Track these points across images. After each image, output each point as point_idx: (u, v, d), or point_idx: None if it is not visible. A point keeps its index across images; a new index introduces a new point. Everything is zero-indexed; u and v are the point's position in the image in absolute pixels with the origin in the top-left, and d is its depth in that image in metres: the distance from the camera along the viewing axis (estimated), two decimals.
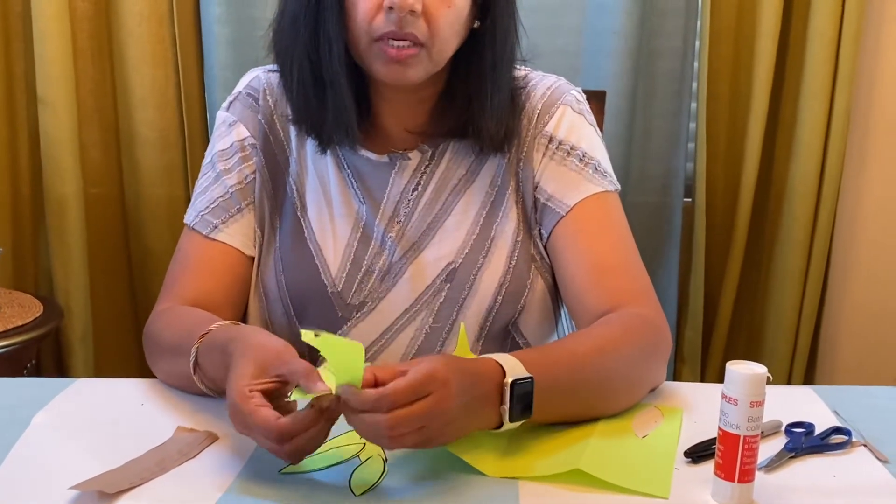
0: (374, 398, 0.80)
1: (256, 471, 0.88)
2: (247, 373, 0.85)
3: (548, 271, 1.18)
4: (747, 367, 0.82)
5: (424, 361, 0.84)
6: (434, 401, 0.81)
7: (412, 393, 0.81)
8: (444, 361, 0.84)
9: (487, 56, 1.11)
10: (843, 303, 2.36)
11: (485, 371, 0.88)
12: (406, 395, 0.80)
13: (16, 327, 1.84)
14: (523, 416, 0.90)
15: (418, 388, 0.81)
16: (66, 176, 2.06)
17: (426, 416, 0.81)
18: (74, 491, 0.82)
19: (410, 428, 0.81)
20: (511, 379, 0.88)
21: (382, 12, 1.03)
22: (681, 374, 2.31)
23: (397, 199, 1.17)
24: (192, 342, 0.98)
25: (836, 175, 2.21)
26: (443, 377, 0.82)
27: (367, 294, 1.15)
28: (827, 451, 0.95)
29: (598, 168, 1.17)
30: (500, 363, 0.89)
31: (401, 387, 0.80)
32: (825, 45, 2.12)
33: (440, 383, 0.82)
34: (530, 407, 0.90)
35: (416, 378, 0.81)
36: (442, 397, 0.82)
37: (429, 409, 0.81)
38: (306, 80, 1.10)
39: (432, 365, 0.83)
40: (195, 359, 0.98)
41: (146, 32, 2.07)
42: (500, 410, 0.88)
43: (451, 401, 0.83)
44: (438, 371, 0.82)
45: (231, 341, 0.92)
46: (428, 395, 0.81)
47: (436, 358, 0.85)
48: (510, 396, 0.88)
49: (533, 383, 0.89)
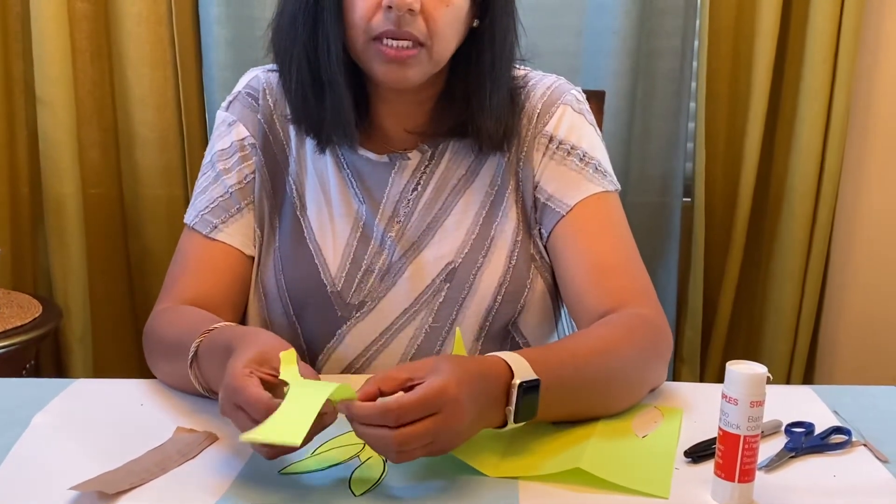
0: (379, 412, 0.79)
1: (256, 471, 0.88)
2: (247, 357, 0.85)
3: (547, 271, 1.18)
4: (747, 367, 0.82)
5: (433, 374, 0.82)
6: (444, 419, 0.80)
7: (421, 409, 0.79)
8: (455, 373, 0.82)
9: (486, 55, 1.11)
10: (842, 302, 2.36)
11: (493, 372, 0.88)
12: (414, 412, 0.79)
13: (15, 328, 1.83)
14: (528, 417, 0.90)
15: (428, 405, 0.80)
16: (64, 176, 2.06)
17: (435, 433, 0.81)
18: (74, 491, 0.82)
19: (419, 444, 0.80)
20: (519, 380, 0.88)
21: (381, 11, 1.03)
22: (680, 374, 2.31)
23: (397, 199, 1.17)
24: (193, 339, 0.98)
25: (835, 174, 2.21)
26: (454, 395, 0.81)
27: (366, 294, 1.15)
28: (827, 450, 0.95)
29: (598, 168, 1.17)
30: (508, 363, 0.89)
31: (409, 402, 0.79)
32: (824, 44, 2.12)
33: (451, 400, 0.81)
34: (535, 408, 0.90)
35: (426, 395, 0.80)
36: (452, 415, 0.81)
37: (438, 427, 0.80)
38: (305, 79, 1.10)
39: (443, 381, 0.81)
40: (194, 354, 0.98)
41: (145, 33, 2.07)
42: (506, 411, 0.88)
43: (462, 418, 0.82)
44: (449, 388, 0.81)
45: (235, 339, 0.92)
46: (438, 413, 0.80)
47: (445, 367, 0.83)
48: (517, 398, 0.88)
49: (540, 385, 0.89)
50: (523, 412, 0.89)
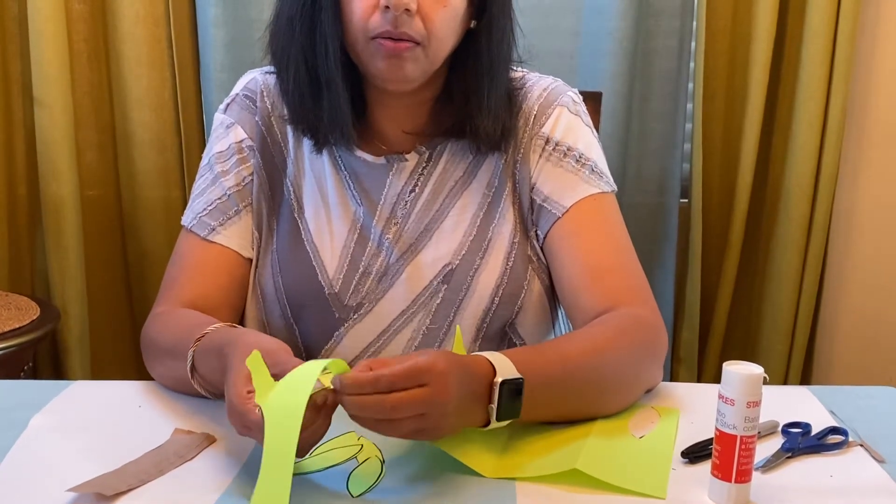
0: (372, 378, 0.81)
1: (254, 473, 0.87)
2: (243, 373, 0.85)
3: (544, 272, 1.18)
4: (744, 368, 0.82)
5: (423, 354, 0.85)
6: (433, 390, 0.82)
7: (411, 378, 0.81)
8: (443, 355, 0.85)
9: (484, 55, 1.11)
10: (839, 303, 2.36)
11: (477, 370, 0.89)
12: (404, 379, 0.81)
13: (12, 330, 1.83)
14: (511, 416, 0.90)
15: (417, 374, 0.82)
16: (62, 178, 2.06)
17: (425, 403, 0.82)
18: (72, 493, 0.82)
19: (410, 413, 0.82)
20: (501, 379, 0.89)
21: (378, 11, 1.04)
22: (677, 375, 2.32)
23: (394, 201, 1.17)
24: (189, 345, 0.99)
25: (832, 175, 2.21)
26: (442, 368, 0.83)
27: (364, 295, 1.15)
28: (824, 451, 0.96)
29: (594, 169, 1.17)
30: (491, 362, 0.90)
31: (399, 370, 0.81)
32: (821, 45, 2.12)
33: (439, 374, 0.83)
34: (519, 407, 0.90)
35: (416, 365, 0.82)
36: (441, 387, 0.83)
37: (428, 396, 0.82)
38: (302, 80, 1.10)
39: (431, 356, 0.84)
40: (192, 362, 0.99)
41: (142, 34, 2.07)
42: (489, 409, 0.89)
43: (449, 392, 0.83)
44: (438, 363, 0.83)
45: (227, 344, 0.92)
46: (426, 385, 0.82)
47: (433, 352, 0.86)
48: (499, 396, 0.88)
49: (523, 384, 0.90)
50: (506, 411, 0.90)
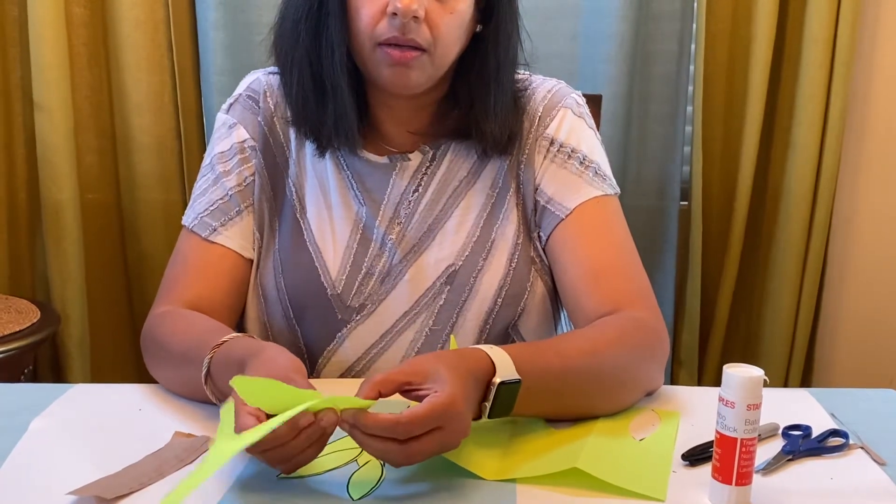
0: (389, 425, 0.80)
1: (254, 476, 0.88)
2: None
3: (547, 274, 1.18)
4: (744, 370, 0.82)
5: (434, 382, 0.84)
6: (450, 433, 0.83)
7: (430, 424, 0.81)
8: (456, 385, 0.84)
9: (491, 59, 1.12)
10: (839, 305, 2.36)
11: (480, 371, 0.89)
12: (423, 426, 0.81)
13: (12, 333, 1.83)
14: (502, 414, 0.91)
15: (436, 420, 0.81)
16: (62, 181, 2.06)
17: (441, 445, 0.83)
18: (72, 496, 0.82)
19: (424, 457, 0.83)
20: (500, 380, 0.89)
21: (385, 18, 1.04)
22: (677, 378, 2.31)
23: (397, 201, 1.17)
24: (204, 352, 0.98)
25: (832, 178, 2.21)
26: (460, 410, 0.83)
27: (366, 296, 1.15)
28: (824, 453, 0.96)
29: (598, 171, 1.17)
30: (493, 361, 0.90)
31: (418, 418, 0.81)
32: (821, 48, 2.12)
33: (457, 414, 0.83)
34: (511, 406, 0.91)
35: (434, 410, 0.81)
36: (458, 429, 0.83)
37: (444, 440, 0.83)
38: (306, 83, 1.10)
39: (448, 395, 0.82)
40: (207, 370, 0.98)
41: (142, 38, 2.06)
42: (482, 406, 0.90)
43: (465, 430, 0.84)
44: (456, 403, 0.82)
45: (248, 357, 0.91)
46: (444, 427, 0.82)
47: (444, 374, 0.84)
48: (494, 396, 0.89)
49: (520, 385, 0.90)
50: (498, 409, 0.90)
